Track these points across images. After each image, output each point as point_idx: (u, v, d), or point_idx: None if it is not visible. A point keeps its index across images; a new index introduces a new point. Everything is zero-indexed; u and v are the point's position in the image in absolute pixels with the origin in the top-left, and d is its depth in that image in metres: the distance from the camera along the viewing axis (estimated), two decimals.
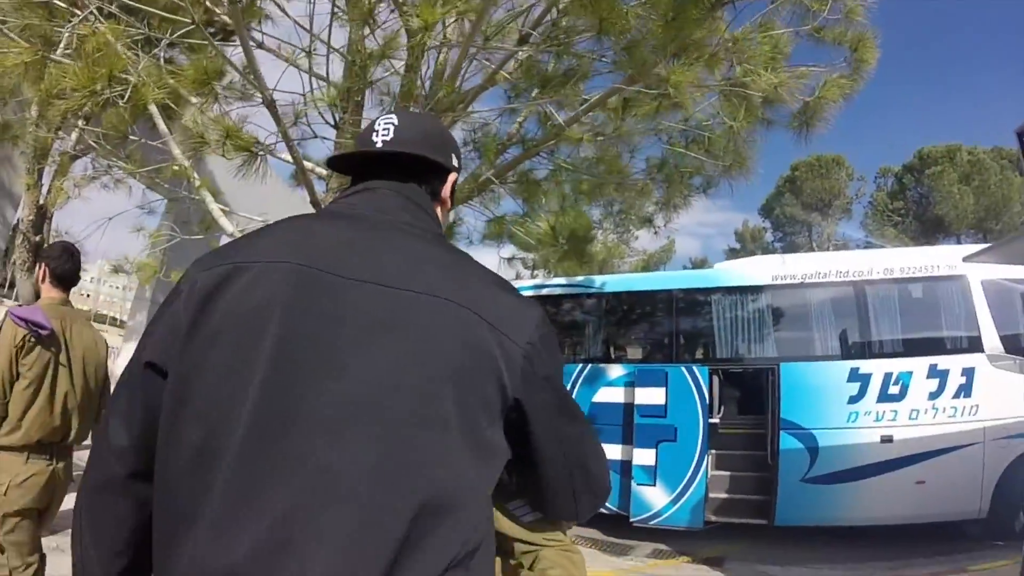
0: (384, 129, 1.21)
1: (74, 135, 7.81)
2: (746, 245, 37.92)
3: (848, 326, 8.34)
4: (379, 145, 1.20)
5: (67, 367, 3.16)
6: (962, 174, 26.81)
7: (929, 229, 28.95)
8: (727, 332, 8.93)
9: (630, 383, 8.57)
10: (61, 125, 7.44)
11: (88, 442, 3.06)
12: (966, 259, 7.16)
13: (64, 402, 3.13)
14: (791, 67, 4.36)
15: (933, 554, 7.01)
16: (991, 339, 7.67)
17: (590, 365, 9.11)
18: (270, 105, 4.30)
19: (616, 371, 8.96)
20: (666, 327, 9.37)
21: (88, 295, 75.28)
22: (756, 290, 8.82)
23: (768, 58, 4.08)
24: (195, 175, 5.73)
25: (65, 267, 3.29)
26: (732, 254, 37.46)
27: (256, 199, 7.42)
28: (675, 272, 10.38)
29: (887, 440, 7.53)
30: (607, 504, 6.77)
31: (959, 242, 29.12)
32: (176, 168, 5.69)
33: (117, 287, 68.98)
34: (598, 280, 9.86)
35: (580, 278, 9.91)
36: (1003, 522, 7.25)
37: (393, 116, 1.24)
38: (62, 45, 5.16)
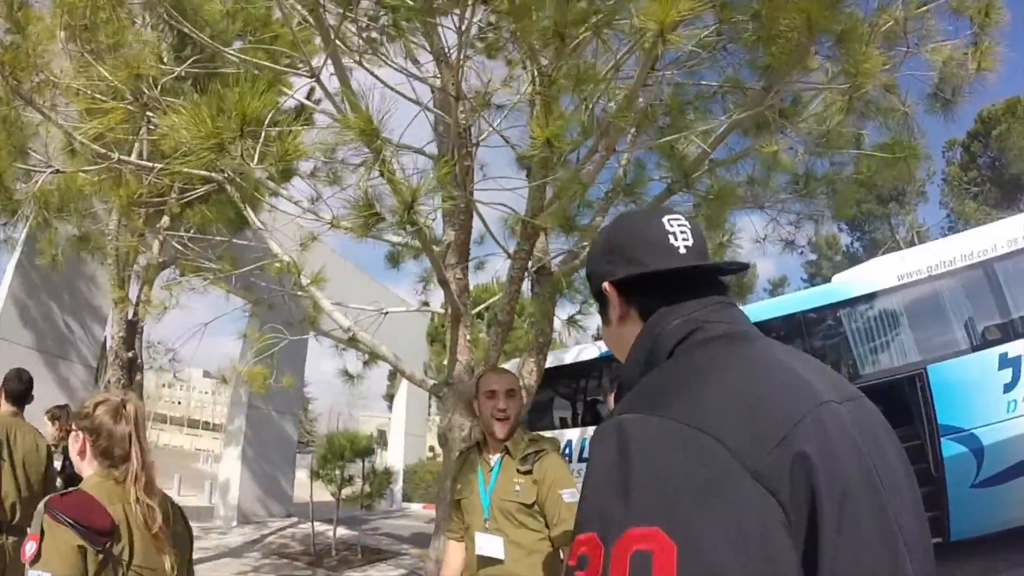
0: (682, 232, 1.06)
1: (156, 244, 7.69)
2: (824, 254, 35.63)
3: (987, 310, 7.71)
4: (682, 251, 1.05)
5: (10, 465, 3.84)
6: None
7: (1010, 192, 27.26)
8: (865, 345, 8.35)
9: None
10: (144, 232, 7.31)
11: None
12: None
13: (7, 493, 3.80)
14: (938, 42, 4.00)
15: None
16: None
17: None
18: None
19: None
20: (803, 350, 8.75)
21: (179, 402, 78.67)
22: (886, 294, 8.26)
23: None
24: (300, 269, 5.57)
25: (16, 387, 4.10)
26: (811, 267, 35.59)
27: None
28: (797, 294, 9.80)
29: None
30: None
31: None
32: (278, 264, 5.54)
33: (206, 392, 71.79)
34: None
35: None
36: None
37: (678, 216, 1.09)
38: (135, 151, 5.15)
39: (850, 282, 8.80)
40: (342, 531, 11.21)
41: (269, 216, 5.77)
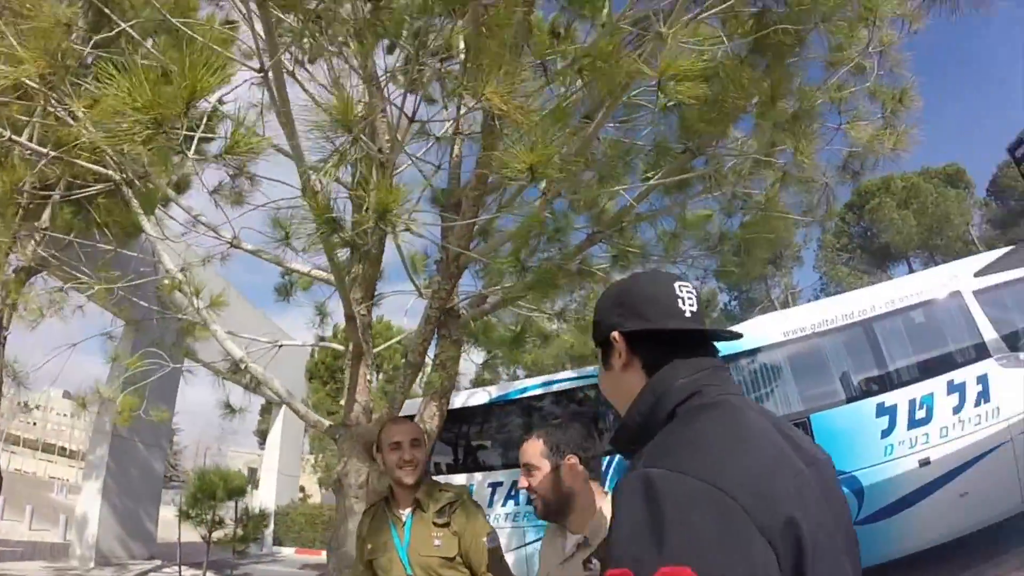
0: (689, 299, 1.22)
1: (31, 244, 6.61)
2: (702, 310, 37.50)
3: (865, 364, 8.34)
4: (688, 315, 1.21)
5: None
6: (899, 200, 28.07)
7: (878, 258, 30.01)
8: (752, 394, 8.66)
9: None
10: (20, 228, 6.23)
11: None
12: (978, 273, 7.30)
13: None
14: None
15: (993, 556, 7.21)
16: (995, 343, 7.97)
17: (618, 456, 8.55)
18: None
19: None
20: None
21: (35, 423, 70.35)
22: (772, 348, 8.68)
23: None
24: (198, 289, 4.94)
25: None
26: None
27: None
28: None
29: (925, 463, 7.53)
30: None
31: (909, 265, 30.42)
32: (169, 282, 4.89)
33: (64, 415, 64.87)
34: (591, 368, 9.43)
35: (590, 368, 9.54)
36: None
37: (687, 283, 1.25)
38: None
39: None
40: None
41: (156, 229, 5.10)
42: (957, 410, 7.72)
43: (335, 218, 2.47)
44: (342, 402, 4.46)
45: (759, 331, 8.95)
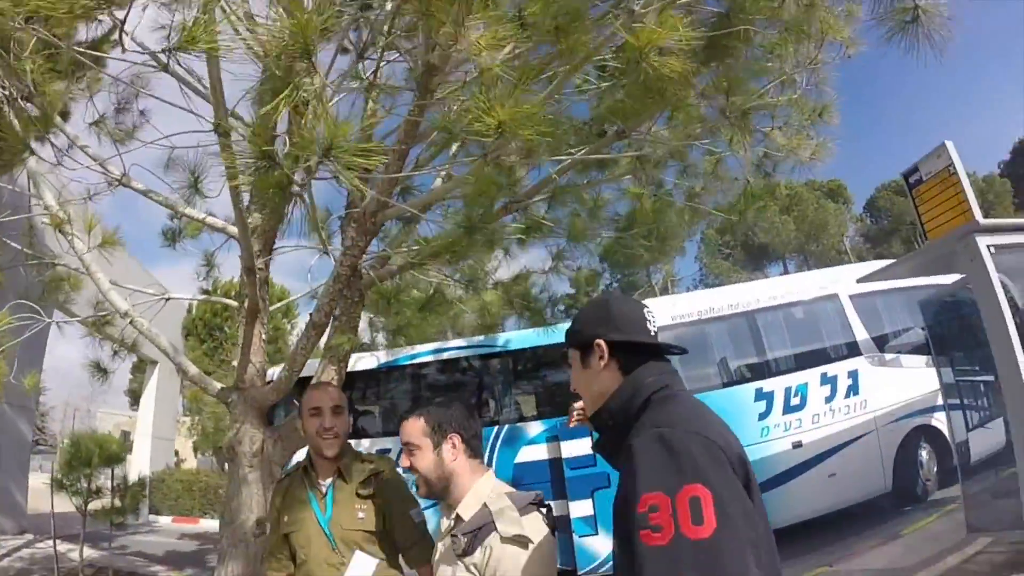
0: (652, 321, 1.70)
1: None
2: (582, 289, 38.26)
3: (746, 352, 8.93)
4: (652, 332, 1.67)
5: None
6: (783, 206, 29.80)
7: (756, 257, 31.86)
8: None
9: (553, 438, 8.42)
10: None
11: None
12: (859, 280, 7.89)
13: None
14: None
15: (861, 531, 7.90)
16: (866, 343, 8.87)
17: (507, 426, 8.69)
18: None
19: (535, 428, 8.64)
20: None
21: None
22: (661, 331, 8.87)
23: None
24: (74, 231, 4.36)
25: None
26: (569, 300, 37.86)
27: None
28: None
29: (798, 445, 8.21)
30: None
31: (785, 266, 32.60)
32: (52, 218, 4.28)
33: None
34: (500, 338, 9.33)
35: (479, 338, 9.41)
36: (907, 490, 8.50)
37: (651, 309, 1.75)
38: None
39: None
40: (89, 551, 9.38)
41: (35, 161, 4.44)
42: (828, 400, 8.48)
43: (272, 152, 2.21)
44: (234, 363, 4.14)
45: (661, 309, 9.31)
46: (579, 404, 2.01)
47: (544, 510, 1.91)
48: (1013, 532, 5.87)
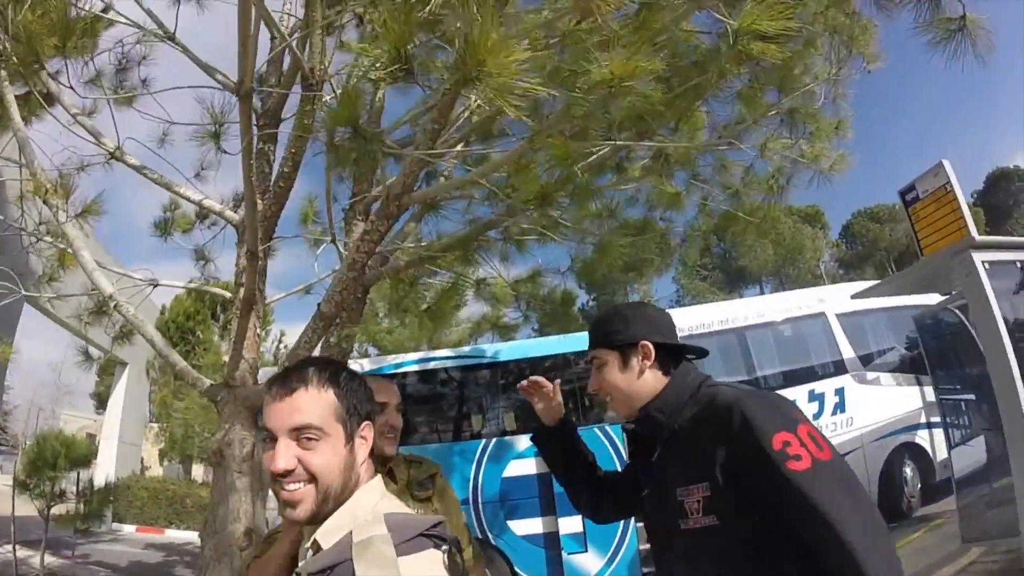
0: (678, 327, 1.88)
1: None
2: (558, 309, 37.86)
3: (736, 367, 8.82)
4: (679, 337, 1.87)
5: None
6: (760, 230, 30.00)
7: (733, 279, 32.16)
8: None
9: None
10: None
11: None
12: (854, 296, 7.88)
13: None
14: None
15: None
16: (852, 361, 8.87)
17: (495, 439, 8.35)
18: None
19: (524, 442, 8.24)
20: (569, 391, 8.90)
21: None
22: None
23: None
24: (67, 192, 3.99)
25: None
26: (546, 318, 37.59)
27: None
28: (567, 336, 10.14)
29: None
30: None
31: (762, 288, 32.94)
32: (40, 186, 3.92)
33: None
34: (489, 349, 9.08)
35: (467, 348, 9.16)
36: (892, 506, 8.34)
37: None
38: None
39: None
40: (50, 558, 8.80)
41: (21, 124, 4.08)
42: (816, 416, 8.38)
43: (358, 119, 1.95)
44: (224, 358, 3.83)
45: None
46: (532, 379, 2.02)
47: (448, 548, 1.19)
48: (1008, 540, 5.85)
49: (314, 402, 1.24)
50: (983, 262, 5.73)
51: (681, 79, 3.42)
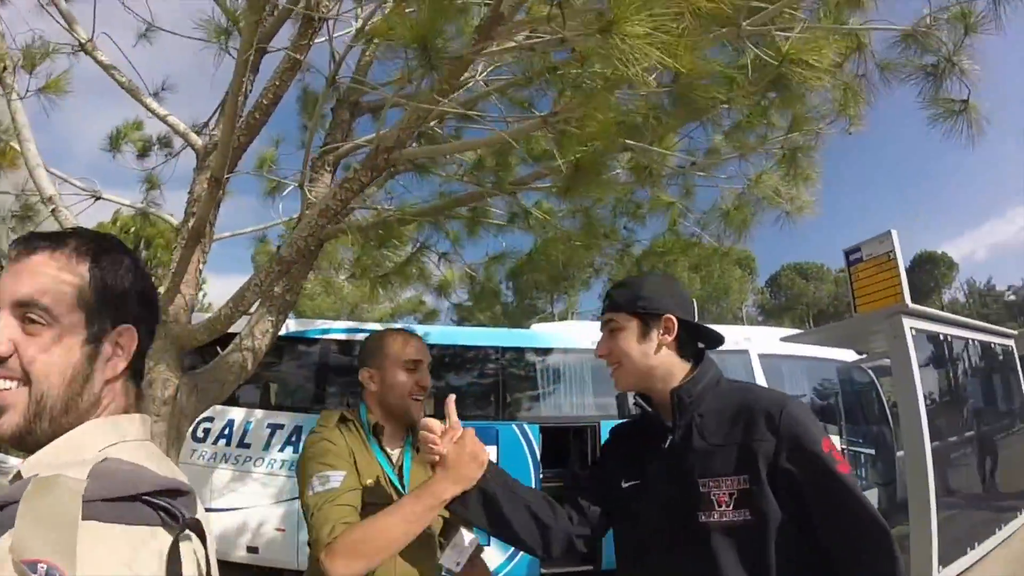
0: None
1: None
2: (478, 304, 37.75)
3: None
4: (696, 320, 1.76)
5: None
6: (692, 264, 30.80)
7: None
8: (552, 391, 8.84)
9: None
10: None
11: None
12: (783, 339, 8.10)
13: None
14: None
15: None
16: None
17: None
18: None
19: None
20: (492, 384, 8.79)
21: None
22: (580, 353, 8.86)
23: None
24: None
25: None
26: (463, 311, 37.40)
27: None
28: (497, 329, 9.96)
29: None
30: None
31: None
32: None
33: None
34: (418, 330, 8.86)
35: (396, 326, 8.91)
36: None
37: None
38: None
39: (552, 334, 9.41)
40: None
41: None
42: None
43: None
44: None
45: (571, 333, 9.20)
46: (434, 434, 1.65)
47: (181, 530, 0.80)
48: None
49: (53, 273, 0.87)
50: (912, 328, 6.03)
51: (688, 93, 3.34)
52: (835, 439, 8.87)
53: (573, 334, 9.18)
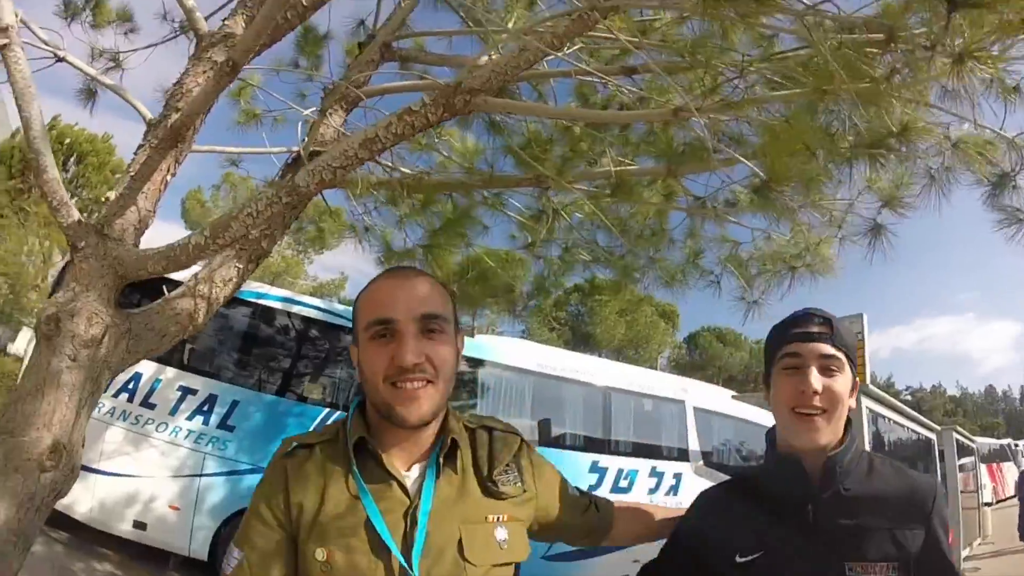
0: None
1: None
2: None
3: (593, 424, 8.43)
4: None
5: None
6: (621, 308, 31.03)
7: (580, 341, 32.95)
8: (491, 407, 8.12)
9: None
10: None
11: None
12: (734, 397, 7.92)
13: None
14: None
15: None
16: (695, 453, 8.85)
17: (342, 414, 7.19)
18: None
19: None
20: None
21: None
22: (523, 373, 8.31)
23: None
24: None
25: None
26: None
27: None
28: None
29: None
30: None
31: (601, 357, 34.03)
32: None
33: None
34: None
35: (341, 307, 7.98)
36: None
37: None
38: None
39: (494, 347, 8.58)
40: None
41: None
42: (651, 492, 8.22)
43: None
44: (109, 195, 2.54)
45: (517, 351, 8.57)
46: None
47: None
48: None
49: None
50: (867, 407, 5.91)
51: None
52: None
53: (522, 354, 8.53)
